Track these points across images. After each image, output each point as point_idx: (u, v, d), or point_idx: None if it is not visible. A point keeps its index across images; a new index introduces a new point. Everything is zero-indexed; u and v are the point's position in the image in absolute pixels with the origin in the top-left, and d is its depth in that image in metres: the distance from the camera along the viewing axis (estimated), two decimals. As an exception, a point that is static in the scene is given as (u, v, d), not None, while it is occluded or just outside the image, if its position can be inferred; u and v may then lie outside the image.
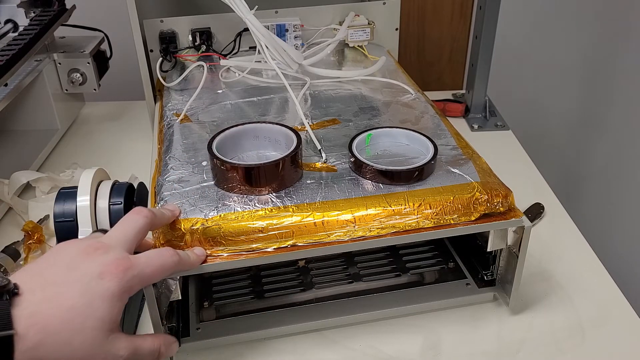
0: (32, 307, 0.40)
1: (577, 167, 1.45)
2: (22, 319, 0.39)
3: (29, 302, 0.40)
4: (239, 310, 0.65)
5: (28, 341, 0.38)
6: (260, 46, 0.80)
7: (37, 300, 0.40)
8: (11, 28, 0.97)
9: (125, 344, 0.44)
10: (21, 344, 0.38)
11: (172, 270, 0.49)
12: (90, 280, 0.42)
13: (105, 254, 0.44)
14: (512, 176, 0.63)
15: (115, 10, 0.96)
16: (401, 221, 0.57)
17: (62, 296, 0.41)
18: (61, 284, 0.42)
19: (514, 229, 0.60)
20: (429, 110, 0.75)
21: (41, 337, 0.39)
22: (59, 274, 0.42)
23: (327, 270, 0.70)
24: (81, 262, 0.43)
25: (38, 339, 0.39)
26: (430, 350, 0.61)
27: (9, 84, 0.87)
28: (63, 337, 0.40)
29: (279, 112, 0.75)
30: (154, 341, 0.49)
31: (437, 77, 1.21)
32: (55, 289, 0.41)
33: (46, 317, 0.40)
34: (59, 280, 0.42)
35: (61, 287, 0.41)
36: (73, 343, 0.40)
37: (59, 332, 0.40)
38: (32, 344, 0.38)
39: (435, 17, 1.14)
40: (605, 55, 1.31)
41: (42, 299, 0.40)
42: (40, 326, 0.39)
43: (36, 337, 0.39)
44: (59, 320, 0.40)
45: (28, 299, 0.40)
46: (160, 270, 0.48)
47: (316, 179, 0.60)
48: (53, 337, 0.39)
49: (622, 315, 0.65)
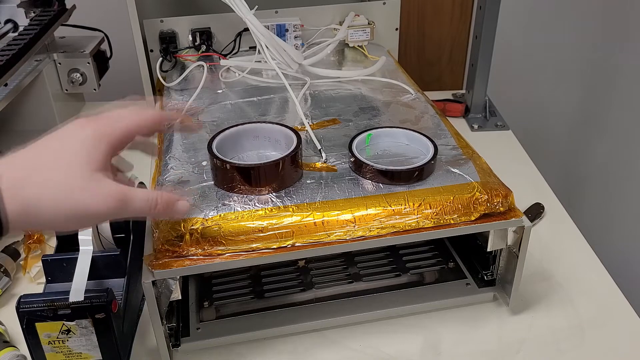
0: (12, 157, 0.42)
1: (577, 167, 1.45)
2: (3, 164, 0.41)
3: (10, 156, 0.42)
4: (239, 310, 0.65)
5: (9, 180, 0.40)
6: (260, 46, 0.80)
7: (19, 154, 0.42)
8: (11, 28, 0.96)
9: (113, 186, 0.44)
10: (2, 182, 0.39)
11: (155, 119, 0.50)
12: (67, 131, 0.45)
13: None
14: (512, 176, 0.63)
15: (115, 10, 0.96)
16: (401, 221, 0.57)
17: (43, 148, 0.43)
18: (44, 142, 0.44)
19: (514, 229, 0.60)
20: (429, 110, 0.75)
21: (21, 175, 0.40)
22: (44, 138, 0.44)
23: (327, 270, 0.70)
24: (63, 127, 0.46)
25: (19, 177, 0.40)
26: (430, 350, 0.61)
27: (9, 84, 0.87)
28: (43, 176, 0.41)
29: (279, 112, 0.75)
30: (150, 192, 0.48)
31: (437, 77, 1.21)
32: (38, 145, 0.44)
33: (27, 162, 0.42)
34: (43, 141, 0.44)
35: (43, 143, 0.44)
36: (53, 179, 0.41)
37: (37, 169, 0.41)
38: (12, 183, 0.40)
39: (435, 17, 1.14)
40: (605, 55, 1.31)
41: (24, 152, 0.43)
42: (21, 166, 0.41)
43: (17, 175, 0.40)
44: (40, 162, 0.42)
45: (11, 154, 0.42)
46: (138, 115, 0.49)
47: (316, 179, 0.60)
48: (33, 176, 0.41)
49: (622, 315, 0.65)
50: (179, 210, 0.49)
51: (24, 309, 0.54)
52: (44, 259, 0.62)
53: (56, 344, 0.56)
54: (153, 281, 0.53)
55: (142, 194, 0.46)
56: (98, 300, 0.54)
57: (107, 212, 0.44)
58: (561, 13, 1.31)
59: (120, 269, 0.62)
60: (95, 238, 0.63)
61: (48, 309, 0.54)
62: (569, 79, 1.38)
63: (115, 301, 0.56)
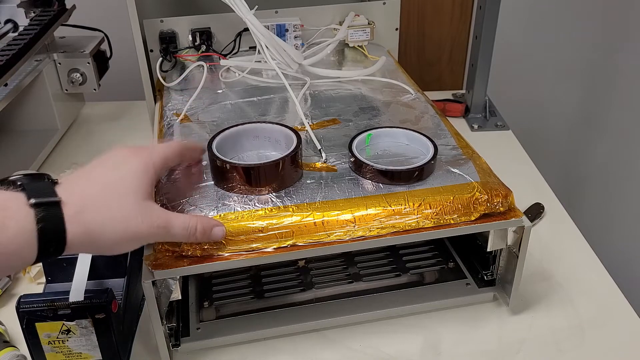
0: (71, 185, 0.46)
1: (577, 167, 1.45)
2: (64, 191, 0.45)
3: (68, 183, 0.46)
4: (239, 310, 0.65)
5: (73, 205, 0.44)
6: (260, 46, 0.80)
7: (74, 181, 0.47)
8: (11, 28, 0.96)
9: (159, 212, 0.49)
10: (67, 208, 0.44)
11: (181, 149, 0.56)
12: (118, 163, 0.50)
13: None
14: (512, 176, 0.63)
15: (115, 10, 0.96)
16: (401, 221, 0.57)
17: (96, 177, 0.48)
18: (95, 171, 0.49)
19: (514, 229, 0.60)
20: (429, 110, 0.75)
21: (83, 203, 0.45)
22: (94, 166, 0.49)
23: (327, 270, 0.70)
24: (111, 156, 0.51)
25: (81, 204, 0.45)
26: (430, 350, 0.61)
27: (9, 84, 0.87)
28: (103, 203, 0.46)
29: (279, 112, 0.75)
30: (188, 218, 0.52)
31: (437, 77, 1.21)
32: (90, 174, 0.49)
33: (84, 189, 0.46)
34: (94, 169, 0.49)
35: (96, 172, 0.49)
36: (112, 206, 0.46)
37: (99, 199, 0.46)
38: (76, 207, 0.44)
39: (435, 17, 1.14)
40: (605, 55, 1.31)
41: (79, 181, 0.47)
42: (80, 194, 0.45)
43: (79, 203, 0.45)
44: (97, 191, 0.46)
45: (66, 181, 0.47)
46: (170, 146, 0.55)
47: (316, 179, 0.60)
48: (94, 204, 0.45)
49: (622, 315, 0.65)
50: (215, 236, 0.53)
51: (24, 309, 0.54)
52: (44, 259, 0.62)
53: (56, 344, 0.56)
54: (153, 281, 0.53)
55: (181, 221, 0.51)
56: (98, 300, 0.54)
57: (153, 237, 0.50)
58: (561, 13, 1.31)
59: (120, 269, 0.62)
60: (95, 238, 0.63)
61: (48, 309, 0.54)
62: (569, 79, 1.38)
63: (115, 301, 0.56)
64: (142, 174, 0.49)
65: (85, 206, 0.45)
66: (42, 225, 0.42)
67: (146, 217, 0.48)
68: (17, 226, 0.41)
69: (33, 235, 0.42)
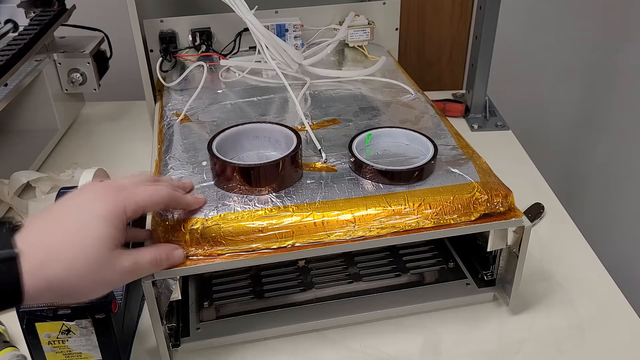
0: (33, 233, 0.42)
1: (577, 167, 1.45)
2: (24, 241, 0.41)
3: (29, 230, 0.42)
4: (239, 310, 0.65)
5: (32, 259, 0.40)
6: (260, 46, 0.80)
7: (36, 228, 0.43)
8: (11, 28, 0.96)
9: (128, 258, 0.46)
10: (26, 263, 0.40)
11: (165, 201, 0.50)
12: (84, 206, 0.45)
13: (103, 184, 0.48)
14: (512, 176, 0.63)
15: (115, 10, 0.96)
16: (401, 221, 0.57)
17: (60, 222, 0.44)
18: (60, 214, 0.44)
19: (514, 229, 0.60)
20: (429, 110, 0.75)
21: (44, 255, 0.41)
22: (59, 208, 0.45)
23: (327, 270, 0.70)
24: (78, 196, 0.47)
25: (42, 257, 0.41)
26: (430, 350, 0.61)
27: (9, 84, 0.87)
28: (67, 257, 0.42)
29: (279, 112, 0.75)
30: (153, 251, 0.50)
31: (437, 77, 1.21)
32: (54, 218, 0.44)
33: (47, 238, 0.42)
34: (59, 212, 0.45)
35: (60, 216, 0.44)
36: (77, 263, 0.42)
37: (62, 251, 0.42)
38: (37, 263, 0.40)
39: (435, 17, 1.14)
40: (605, 55, 1.31)
41: (42, 227, 0.43)
42: (42, 245, 0.41)
43: (40, 255, 0.40)
44: (60, 240, 0.42)
45: (28, 228, 0.42)
46: (151, 196, 0.49)
47: (316, 179, 0.60)
48: (57, 257, 0.41)
49: (622, 315, 0.65)
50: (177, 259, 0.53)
51: (24, 309, 0.54)
52: (44, 259, 0.62)
53: (56, 344, 0.56)
54: (153, 281, 0.53)
55: (148, 257, 0.49)
56: (98, 300, 0.54)
57: (125, 281, 0.49)
58: (561, 13, 1.31)
59: (120, 269, 0.62)
60: (95, 238, 0.63)
61: (48, 309, 0.54)
62: (569, 79, 1.38)
63: (115, 301, 0.56)
64: (112, 220, 0.45)
65: (46, 259, 0.41)
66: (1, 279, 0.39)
67: (116, 267, 0.46)
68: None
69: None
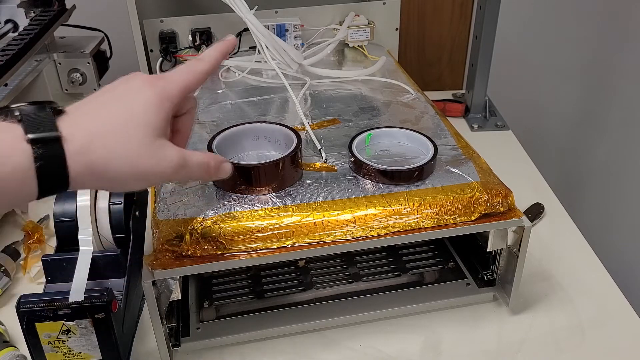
0: (77, 117, 0.41)
1: (577, 167, 1.45)
2: (66, 125, 0.40)
3: (72, 114, 0.41)
4: (239, 310, 0.65)
5: (75, 143, 0.39)
6: (260, 46, 0.80)
7: (80, 112, 0.42)
8: (11, 28, 0.96)
9: (174, 151, 0.45)
10: (69, 144, 0.39)
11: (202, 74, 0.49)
12: (129, 92, 0.44)
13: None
14: (512, 176, 0.63)
15: (115, 10, 0.96)
16: (401, 221, 0.57)
17: (104, 107, 0.43)
18: (104, 99, 0.44)
19: (514, 229, 0.60)
20: (429, 110, 0.75)
21: (88, 139, 0.40)
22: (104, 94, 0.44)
23: (327, 270, 0.70)
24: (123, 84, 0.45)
25: (85, 140, 0.40)
26: (430, 350, 0.61)
27: (9, 84, 0.86)
28: (110, 141, 0.41)
29: (279, 112, 0.75)
30: (205, 155, 0.49)
31: (437, 77, 1.21)
32: (98, 103, 0.43)
33: (90, 122, 0.41)
34: (103, 98, 0.44)
35: (104, 101, 0.43)
36: (120, 146, 0.41)
37: (105, 135, 0.41)
38: (79, 145, 0.40)
39: (435, 17, 1.14)
40: (605, 56, 1.31)
41: (85, 111, 0.42)
42: (85, 130, 0.40)
43: (83, 139, 0.40)
44: (103, 124, 0.41)
45: (71, 112, 0.41)
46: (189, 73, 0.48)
47: (316, 179, 0.60)
48: (100, 140, 0.41)
49: (622, 315, 0.65)
50: (224, 171, 0.50)
51: (24, 309, 0.54)
52: (44, 259, 0.62)
53: (56, 344, 0.56)
54: (153, 281, 0.53)
55: (197, 160, 0.47)
56: (98, 300, 0.54)
57: (168, 176, 0.45)
58: (561, 13, 1.31)
59: (120, 269, 0.62)
60: (95, 238, 0.63)
61: (48, 309, 0.54)
62: (569, 79, 1.38)
63: (115, 301, 0.56)
64: (156, 108, 0.44)
65: (89, 143, 0.40)
66: (41, 163, 0.38)
67: (161, 157, 0.44)
68: (13, 163, 0.38)
69: (32, 174, 0.38)
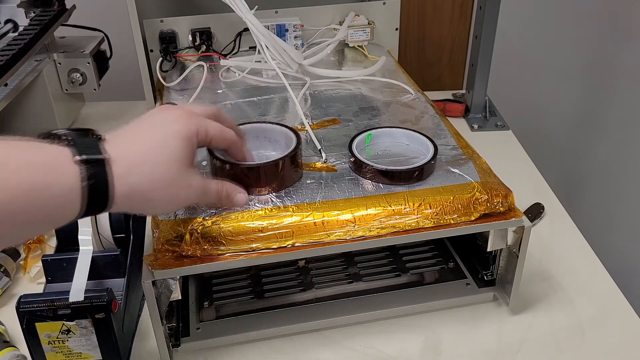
0: (117, 143, 0.45)
1: (577, 167, 1.45)
2: (110, 150, 0.43)
3: (113, 141, 0.45)
4: (239, 310, 0.65)
5: (119, 165, 0.43)
6: (260, 46, 0.80)
7: (120, 139, 0.45)
8: (11, 28, 0.96)
9: (199, 178, 0.50)
10: (114, 167, 0.43)
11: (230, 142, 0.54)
12: (164, 124, 0.49)
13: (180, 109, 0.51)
14: (512, 176, 0.63)
15: (115, 10, 0.96)
16: (401, 221, 0.57)
17: (142, 136, 0.47)
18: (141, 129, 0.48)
19: (514, 229, 0.60)
20: (429, 110, 0.75)
21: (129, 163, 0.44)
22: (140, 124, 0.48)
23: (327, 270, 0.70)
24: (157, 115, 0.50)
25: (127, 164, 0.44)
26: (430, 350, 0.61)
27: (9, 84, 0.86)
28: (148, 168, 0.45)
29: (279, 112, 0.75)
30: (219, 183, 0.53)
31: (437, 77, 1.21)
32: (136, 132, 0.47)
33: (130, 151, 0.45)
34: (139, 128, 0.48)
35: (141, 131, 0.48)
36: (156, 173, 0.46)
37: (145, 161, 0.45)
38: (123, 168, 0.43)
39: (435, 17, 1.14)
40: (605, 56, 1.31)
41: (124, 139, 0.46)
42: (126, 154, 0.44)
43: (125, 163, 0.44)
44: (141, 154, 0.45)
45: (112, 139, 0.45)
46: (222, 132, 0.53)
47: (316, 179, 0.60)
48: (139, 168, 0.45)
49: (622, 315, 0.65)
50: (239, 202, 0.54)
51: (24, 309, 0.54)
52: (44, 259, 0.62)
53: (56, 344, 0.56)
54: (153, 281, 0.54)
55: (214, 187, 0.52)
56: (98, 300, 0.54)
57: (192, 200, 0.51)
58: (561, 13, 1.31)
59: (120, 269, 0.62)
60: (95, 238, 0.63)
61: (48, 309, 0.54)
62: (569, 79, 1.38)
63: (115, 301, 0.56)
64: (187, 142, 0.48)
65: (131, 166, 0.44)
66: (89, 183, 0.41)
67: (189, 184, 0.49)
68: (62, 182, 0.40)
69: (78, 193, 0.41)
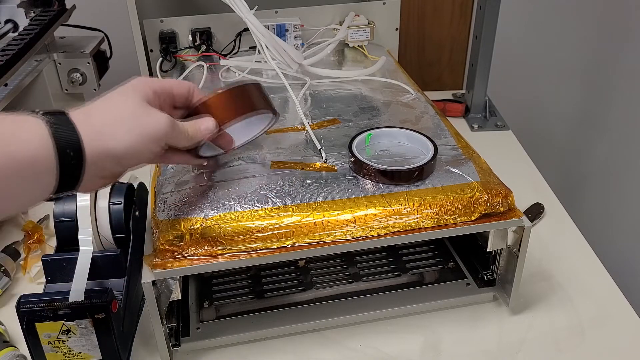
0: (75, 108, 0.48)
1: (577, 167, 1.45)
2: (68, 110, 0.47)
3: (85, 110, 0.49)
4: (239, 310, 0.65)
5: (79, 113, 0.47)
6: (260, 46, 0.80)
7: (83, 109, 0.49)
8: (11, 28, 0.96)
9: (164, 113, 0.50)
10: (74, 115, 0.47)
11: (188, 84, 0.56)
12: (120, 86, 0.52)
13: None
14: (512, 176, 0.63)
15: (115, 10, 0.96)
16: (401, 221, 0.57)
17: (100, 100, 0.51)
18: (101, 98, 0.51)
19: (514, 229, 0.60)
20: (429, 110, 0.75)
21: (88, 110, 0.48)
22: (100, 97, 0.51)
23: (327, 270, 0.70)
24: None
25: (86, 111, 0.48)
26: (430, 350, 0.61)
27: (9, 84, 0.87)
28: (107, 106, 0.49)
29: (279, 112, 0.75)
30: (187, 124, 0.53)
31: (437, 77, 1.21)
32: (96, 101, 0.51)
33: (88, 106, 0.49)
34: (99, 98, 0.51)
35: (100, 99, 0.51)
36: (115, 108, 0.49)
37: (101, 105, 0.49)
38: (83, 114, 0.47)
39: (435, 17, 1.14)
40: (605, 56, 1.31)
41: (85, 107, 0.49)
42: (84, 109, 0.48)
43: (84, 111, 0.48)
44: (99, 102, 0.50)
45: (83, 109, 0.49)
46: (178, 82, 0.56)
47: (316, 179, 0.60)
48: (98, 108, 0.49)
49: (622, 315, 0.65)
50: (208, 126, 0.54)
51: (24, 309, 0.54)
52: (44, 259, 0.62)
53: (56, 344, 0.56)
54: (153, 281, 0.54)
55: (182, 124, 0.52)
56: (98, 300, 0.55)
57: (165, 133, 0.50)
58: (561, 13, 1.31)
59: (120, 269, 0.62)
60: (95, 238, 0.63)
61: (48, 309, 0.54)
62: (569, 79, 1.38)
63: (115, 301, 0.56)
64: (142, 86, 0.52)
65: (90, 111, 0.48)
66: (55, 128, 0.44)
67: (155, 114, 0.49)
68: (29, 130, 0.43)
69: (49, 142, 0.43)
